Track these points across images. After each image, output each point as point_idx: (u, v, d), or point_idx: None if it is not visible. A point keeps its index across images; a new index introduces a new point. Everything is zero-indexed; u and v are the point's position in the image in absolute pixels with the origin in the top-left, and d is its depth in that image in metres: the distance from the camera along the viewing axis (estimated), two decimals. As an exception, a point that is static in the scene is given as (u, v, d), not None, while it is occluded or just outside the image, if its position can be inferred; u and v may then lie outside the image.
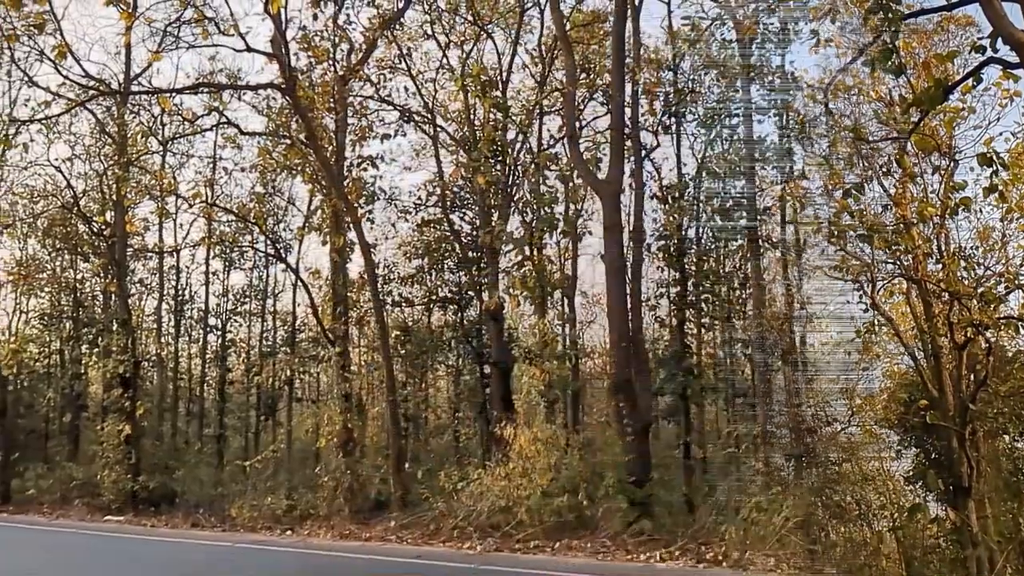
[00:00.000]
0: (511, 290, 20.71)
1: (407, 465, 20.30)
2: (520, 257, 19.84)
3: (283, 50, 17.41)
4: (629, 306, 16.94)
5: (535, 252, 22.62)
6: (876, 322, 16.02)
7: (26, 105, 26.13)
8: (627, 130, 18.00)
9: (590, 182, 17.87)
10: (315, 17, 19.61)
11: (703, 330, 23.36)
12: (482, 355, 24.13)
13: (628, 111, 18.22)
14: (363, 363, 28.92)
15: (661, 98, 21.71)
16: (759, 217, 20.08)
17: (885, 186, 15.84)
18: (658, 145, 21.78)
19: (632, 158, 18.73)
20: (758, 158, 20.12)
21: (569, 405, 23.39)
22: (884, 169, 15.46)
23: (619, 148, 17.06)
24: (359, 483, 19.28)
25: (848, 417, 19.54)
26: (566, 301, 24.48)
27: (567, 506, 15.36)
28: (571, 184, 22.54)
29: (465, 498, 16.27)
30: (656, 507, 15.57)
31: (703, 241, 22.55)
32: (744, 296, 23.11)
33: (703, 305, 22.16)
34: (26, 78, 19.79)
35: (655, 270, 22.80)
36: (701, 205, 22.08)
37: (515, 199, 22.16)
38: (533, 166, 21.92)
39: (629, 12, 17.97)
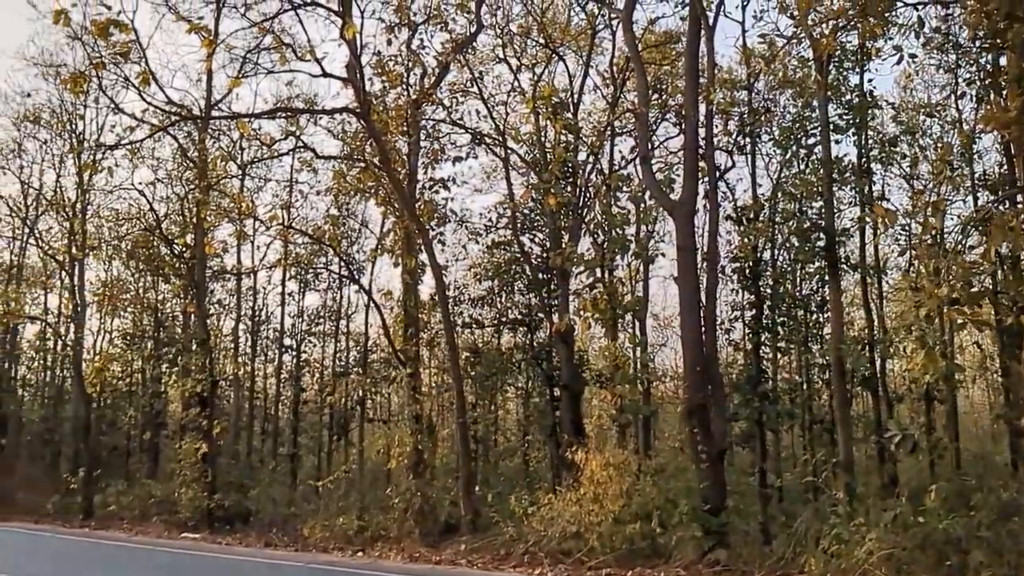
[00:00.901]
0: (582, 312, 20.51)
1: (477, 488, 20.19)
2: (591, 279, 19.65)
3: (358, 75, 17.65)
4: (703, 329, 16.61)
5: (606, 274, 22.45)
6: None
7: (112, 131, 27.22)
8: (701, 150, 17.75)
9: (663, 203, 17.63)
10: (389, 42, 19.90)
11: (779, 354, 22.84)
12: (552, 378, 23.97)
13: (702, 131, 17.98)
14: (433, 384, 29.04)
15: (736, 118, 21.42)
16: (838, 239, 19.54)
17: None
18: (733, 165, 21.49)
19: (706, 178, 18.45)
20: (836, 178, 19.62)
21: (640, 430, 23.06)
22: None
23: (693, 168, 16.82)
24: (429, 505, 19.24)
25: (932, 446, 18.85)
26: (637, 324, 24.22)
27: (639, 533, 15.04)
28: (643, 205, 22.31)
29: (536, 523, 16.08)
30: (732, 536, 15.16)
31: (779, 263, 22.11)
32: (822, 320, 22.55)
33: (779, 329, 21.64)
34: (112, 105, 20.46)
35: (729, 292, 22.46)
36: (777, 226, 21.66)
37: (586, 220, 22.02)
38: (604, 187, 21.79)
39: (703, 32, 17.76)
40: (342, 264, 27.30)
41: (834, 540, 13.17)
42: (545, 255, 23.68)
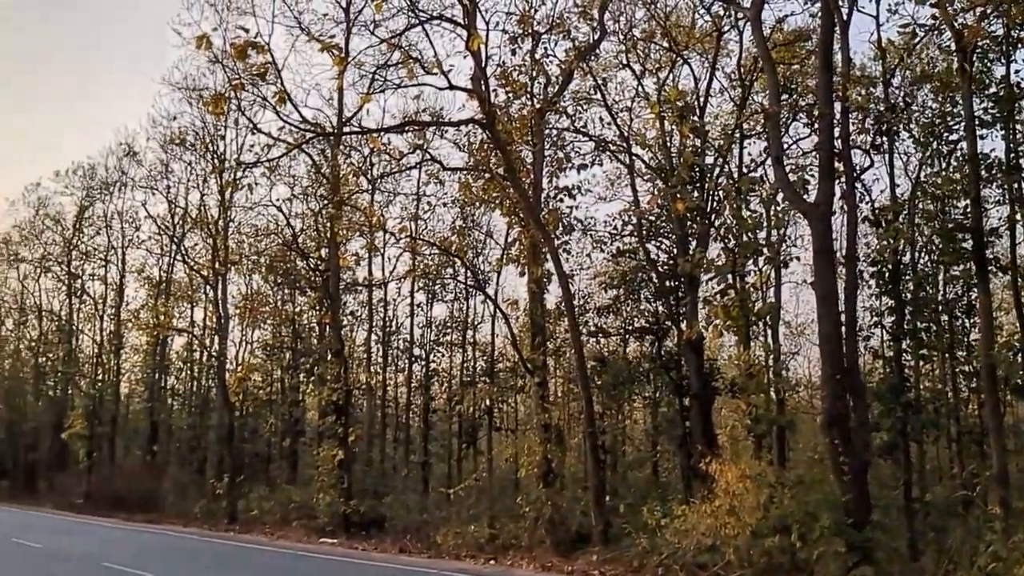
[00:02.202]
0: (712, 319, 20.04)
1: (607, 498, 20.00)
2: (722, 285, 19.19)
3: (483, 86, 17.85)
4: (842, 336, 15.97)
5: (737, 280, 21.89)
6: None
7: (251, 150, 28.47)
8: (836, 149, 17.10)
9: (798, 205, 17.06)
10: (513, 52, 20.05)
11: (922, 362, 21.77)
12: (681, 387, 23.54)
13: (836, 130, 17.33)
14: (560, 394, 29.02)
15: (872, 115, 20.56)
16: (986, 239, 18.45)
17: None
18: (871, 164, 20.61)
19: (842, 179, 17.77)
20: (983, 176, 18.54)
21: (775, 441, 22.36)
22: None
23: (828, 168, 16.22)
24: (560, 515, 19.19)
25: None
26: (769, 331, 23.53)
27: (778, 547, 14.53)
28: (774, 208, 21.67)
29: (669, 535, 15.78)
30: (877, 552, 14.47)
31: (920, 266, 21.09)
32: (968, 325, 21.34)
33: (922, 335, 20.60)
34: (250, 125, 21.36)
35: (868, 297, 21.55)
36: (917, 227, 20.67)
37: (715, 225, 21.57)
38: (734, 191, 21.27)
39: (836, 27, 17.13)
40: (468, 274, 27.67)
41: (990, 558, 12.41)
42: (672, 262, 23.32)
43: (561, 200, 23.42)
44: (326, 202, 27.06)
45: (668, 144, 23.22)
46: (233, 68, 18.45)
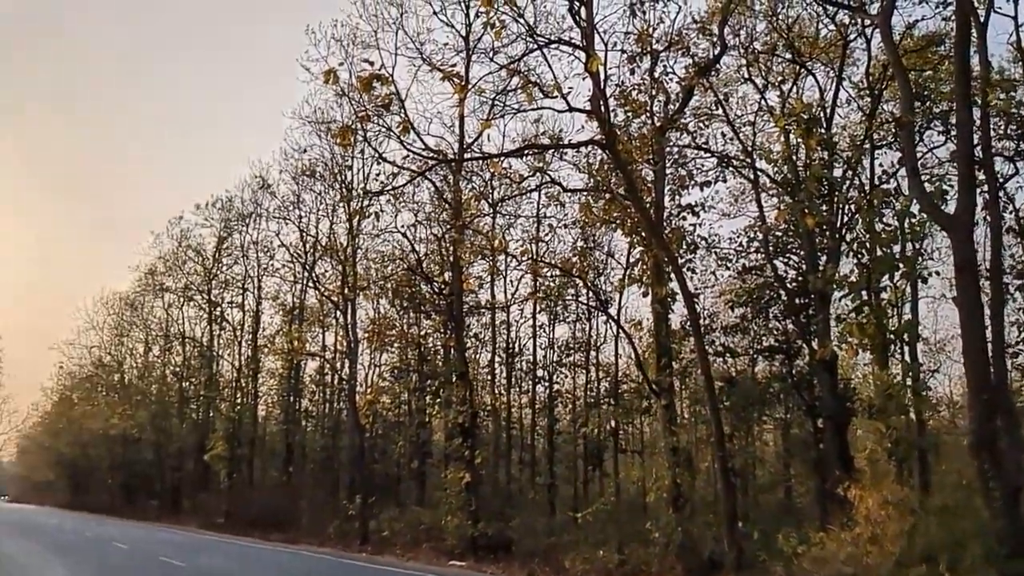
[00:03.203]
0: (846, 337, 19.25)
1: (739, 524, 19.42)
2: (856, 302, 18.42)
3: (602, 107, 17.79)
4: (989, 353, 15.06)
5: (872, 296, 20.99)
6: None
7: (376, 179, 29.28)
8: (976, 158, 16.21)
9: (937, 217, 16.22)
10: (632, 72, 19.90)
11: (1079, 378, 20.35)
12: (814, 408, 22.71)
13: (976, 137, 16.44)
14: (686, 415, 28.47)
15: (1015, 120, 19.44)
16: None
17: None
18: (1015, 173, 19.46)
19: (984, 189, 16.83)
20: None
21: (916, 464, 21.26)
22: None
23: (968, 178, 15.36)
24: (691, 541, 18.74)
25: None
26: (907, 348, 22.46)
27: (925, 577, 13.78)
28: (909, 221, 20.71)
29: (807, 563, 15.19)
30: (1035, 584, 13.50)
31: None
32: None
33: (1078, 350, 19.26)
34: (376, 155, 21.98)
35: (1015, 311, 20.29)
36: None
37: (847, 240, 20.77)
38: (866, 203, 20.44)
39: (973, 30, 16.29)
40: (591, 295, 27.57)
41: None
42: (801, 278, 22.61)
43: (684, 218, 23.10)
44: (449, 227, 27.51)
45: (794, 158, 22.58)
46: (359, 100, 19.04)
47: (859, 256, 20.21)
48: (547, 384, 33.00)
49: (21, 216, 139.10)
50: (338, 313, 37.01)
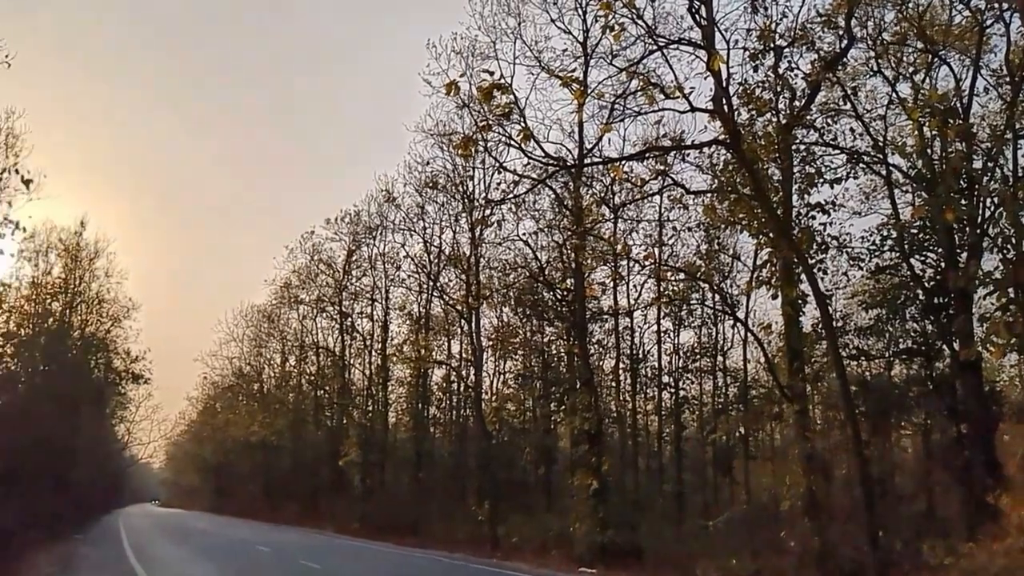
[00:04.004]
0: (991, 338, 18.24)
1: (880, 533, 18.62)
2: (1002, 300, 17.45)
3: (725, 105, 17.46)
4: None
5: (1019, 293, 19.83)
6: None
7: (497, 188, 29.65)
8: None
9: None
10: (755, 69, 19.45)
11: None
12: (956, 412, 21.59)
13: None
14: (819, 421, 27.57)
15: None
16: None
17: None
18: None
19: None
20: None
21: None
22: None
23: None
24: (828, 550, 18.10)
25: None
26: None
27: (1089, 593, 12.90)
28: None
29: (956, 575, 14.44)
30: None
31: None
32: None
33: None
34: (497, 164, 22.23)
35: None
36: None
37: (990, 235, 19.70)
38: (1010, 195, 19.34)
39: None
40: (717, 298, 27.06)
41: None
42: (940, 277, 21.58)
43: (813, 217, 22.35)
44: (570, 233, 27.54)
45: (929, 151, 21.60)
46: (479, 110, 19.31)
47: (1003, 251, 19.15)
48: (673, 390, 32.59)
49: (164, 239, 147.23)
50: (463, 322, 37.59)
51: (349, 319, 50.53)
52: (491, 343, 36.33)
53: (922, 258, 22.92)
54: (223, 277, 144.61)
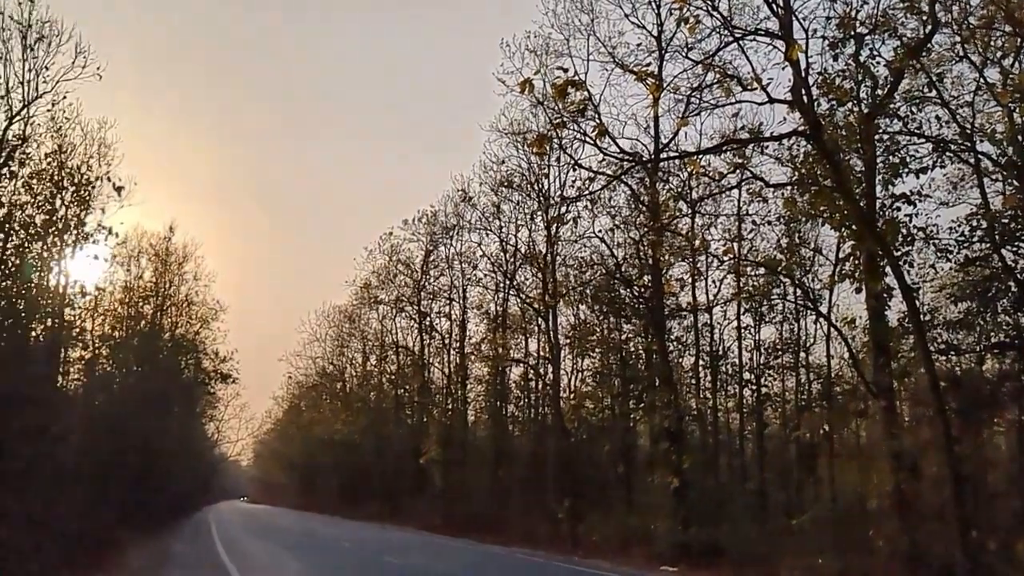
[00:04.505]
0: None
1: (973, 532, 18.04)
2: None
3: (804, 96, 17.15)
4: None
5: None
6: None
7: (572, 185, 29.66)
8: None
9: None
10: (835, 58, 19.06)
11: None
12: (1055, 407, 20.80)
13: None
14: (907, 417, 26.81)
15: None
16: None
17: None
18: None
19: None
20: None
21: None
22: None
23: None
24: (919, 550, 17.62)
25: None
26: None
27: None
28: None
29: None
30: None
31: None
32: None
33: None
34: (571, 161, 22.22)
35: None
36: None
37: (1089, 223, 18.92)
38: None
39: None
40: (798, 293, 26.56)
41: None
42: (1035, 267, 20.80)
43: (898, 208, 21.75)
44: (647, 229, 27.38)
45: (1020, 138, 20.82)
46: (554, 108, 19.34)
47: (1105, 240, 18.37)
48: (755, 387, 32.10)
49: (251, 242, 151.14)
50: (540, 320, 37.70)
51: (428, 318, 51.20)
52: (568, 341, 36.33)
53: (1014, 248, 22.09)
54: (307, 278, 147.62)
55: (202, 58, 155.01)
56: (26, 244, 23.17)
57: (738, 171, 21.56)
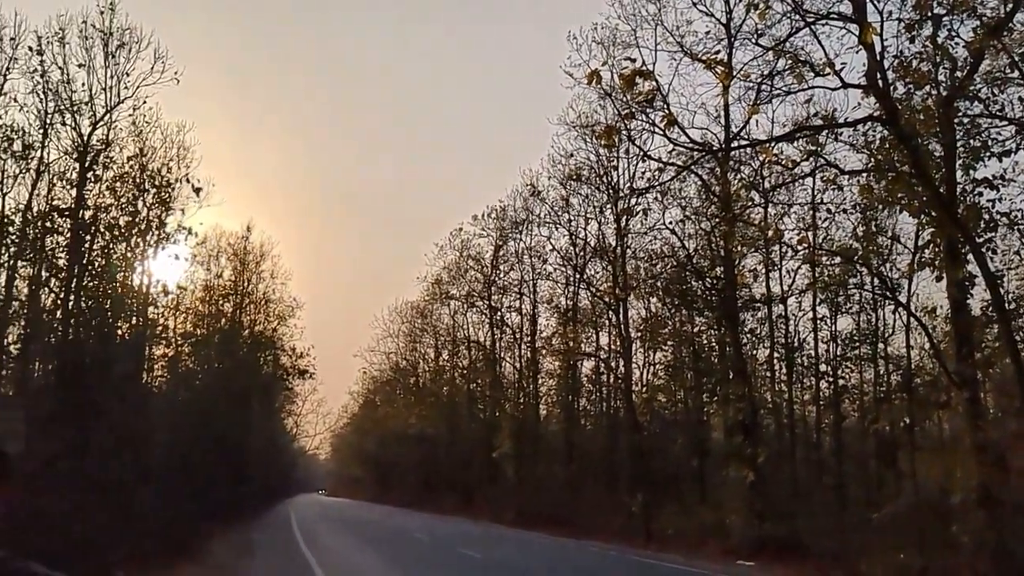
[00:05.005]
0: None
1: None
2: None
3: (880, 80, 16.71)
4: None
5: None
6: None
7: (642, 177, 29.44)
8: None
9: None
10: (912, 40, 18.49)
11: None
12: None
13: None
14: (991, 409, 25.94)
15: None
16: None
17: None
18: None
19: None
20: None
21: None
22: None
23: None
24: (1006, 545, 17.06)
25: None
26: None
27: None
28: None
29: None
30: None
31: None
32: None
33: None
34: (640, 152, 22.08)
35: None
36: None
37: None
38: None
39: None
40: (876, 282, 25.92)
41: None
42: None
43: (980, 193, 21.02)
44: (718, 220, 27.01)
45: (1112, 116, 19.95)
46: (622, 99, 19.22)
47: None
48: (831, 379, 31.45)
49: (325, 240, 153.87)
50: (610, 313, 37.56)
51: (498, 313, 51.46)
52: (639, 334, 36.12)
53: (1106, 233, 21.23)
54: (379, 275, 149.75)
55: (275, 63, 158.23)
56: (111, 245, 23.99)
57: (812, 158, 21.11)
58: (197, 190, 26.06)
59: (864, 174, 21.25)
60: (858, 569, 19.52)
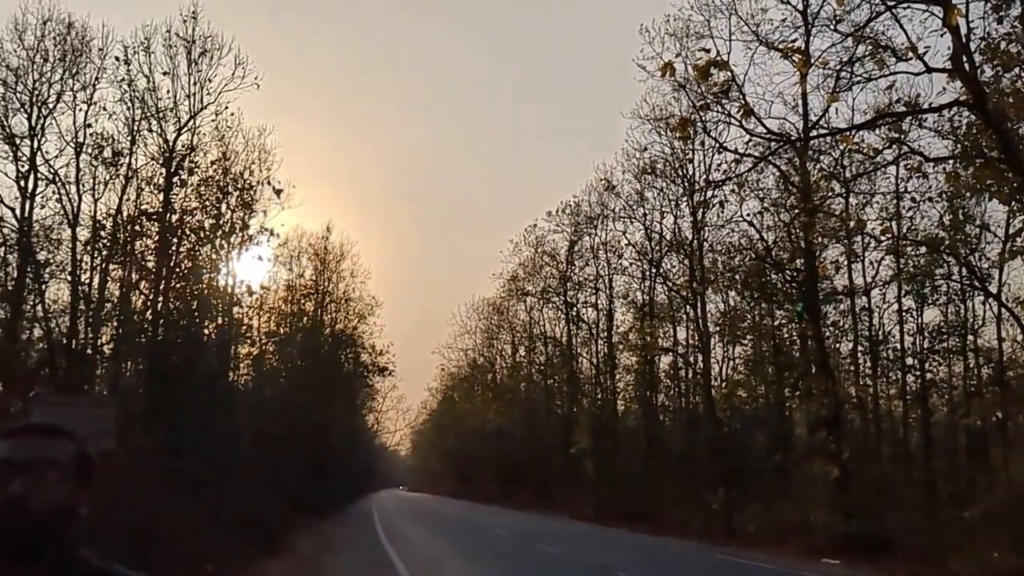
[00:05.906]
0: None
1: None
2: None
3: (966, 63, 16.17)
4: None
5: None
6: None
7: (718, 169, 29.01)
8: None
9: None
10: (1000, 21, 17.84)
11: None
12: None
13: None
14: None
15: None
16: None
17: None
18: None
19: None
20: None
21: None
22: None
23: None
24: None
25: None
26: None
27: None
28: None
29: None
30: None
31: None
32: None
33: None
34: (716, 144, 21.79)
35: None
36: None
37: None
38: None
39: None
40: (965, 272, 25.08)
41: None
42: None
43: (1075, 178, 20.20)
44: (798, 211, 26.46)
45: None
46: (696, 91, 19.01)
47: None
48: (918, 373, 30.55)
49: (403, 240, 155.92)
50: (688, 308, 37.14)
51: (574, 309, 51.35)
52: (718, 328, 35.65)
53: None
54: (456, 272, 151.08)
55: (352, 64, 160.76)
56: (197, 248, 24.77)
57: (895, 146, 20.59)
58: (278, 192, 26.72)
59: (950, 161, 20.62)
60: (950, 568, 18.93)
